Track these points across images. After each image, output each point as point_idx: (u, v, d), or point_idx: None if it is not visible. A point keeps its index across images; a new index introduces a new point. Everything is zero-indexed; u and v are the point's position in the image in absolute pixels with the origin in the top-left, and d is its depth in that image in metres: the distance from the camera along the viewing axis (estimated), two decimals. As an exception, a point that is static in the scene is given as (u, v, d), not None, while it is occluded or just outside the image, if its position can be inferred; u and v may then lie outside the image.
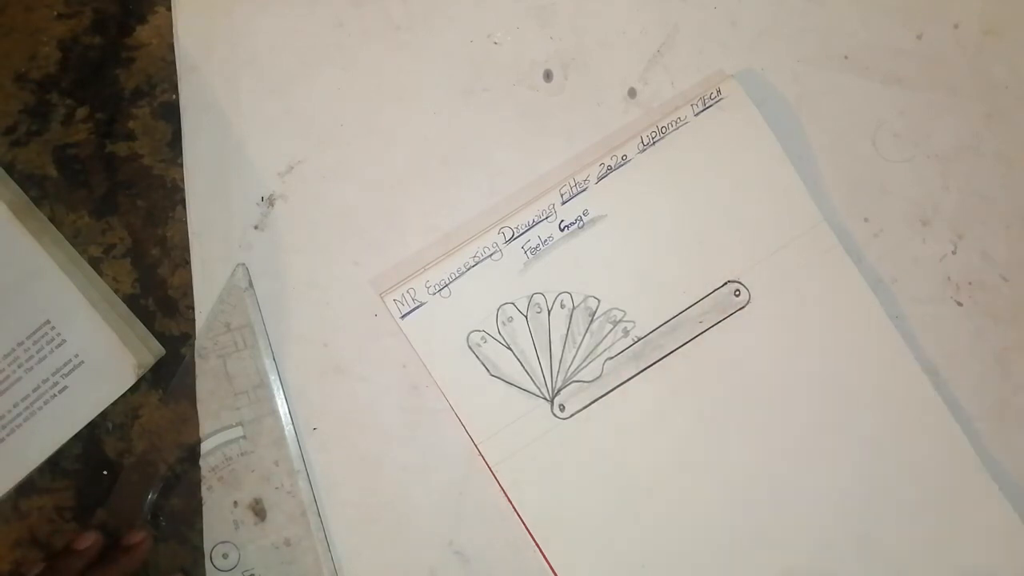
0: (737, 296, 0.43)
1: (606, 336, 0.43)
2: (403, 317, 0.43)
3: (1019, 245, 0.45)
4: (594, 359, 0.43)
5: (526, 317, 0.43)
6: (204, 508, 0.43)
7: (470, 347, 0.43)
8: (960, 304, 0.44)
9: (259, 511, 0.43)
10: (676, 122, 0.43)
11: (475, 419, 0.43)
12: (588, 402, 0.43)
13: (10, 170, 0.44)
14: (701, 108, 0.43)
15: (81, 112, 0.44)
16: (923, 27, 0.45)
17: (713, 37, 0.45)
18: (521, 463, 0.43)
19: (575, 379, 0.43)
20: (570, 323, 0.43)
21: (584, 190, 0.43)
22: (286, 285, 0.44)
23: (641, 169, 0.43)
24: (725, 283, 0.43)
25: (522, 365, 0.43)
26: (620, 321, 0.43)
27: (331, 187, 0.44)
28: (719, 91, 0.43)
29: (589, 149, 0.44)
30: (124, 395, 0.43)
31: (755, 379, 0.43)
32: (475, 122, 0.45)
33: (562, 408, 0.43)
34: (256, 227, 0.44)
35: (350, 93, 0.45)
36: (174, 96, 0.44)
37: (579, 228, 0.43)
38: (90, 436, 0.44)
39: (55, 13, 0.44)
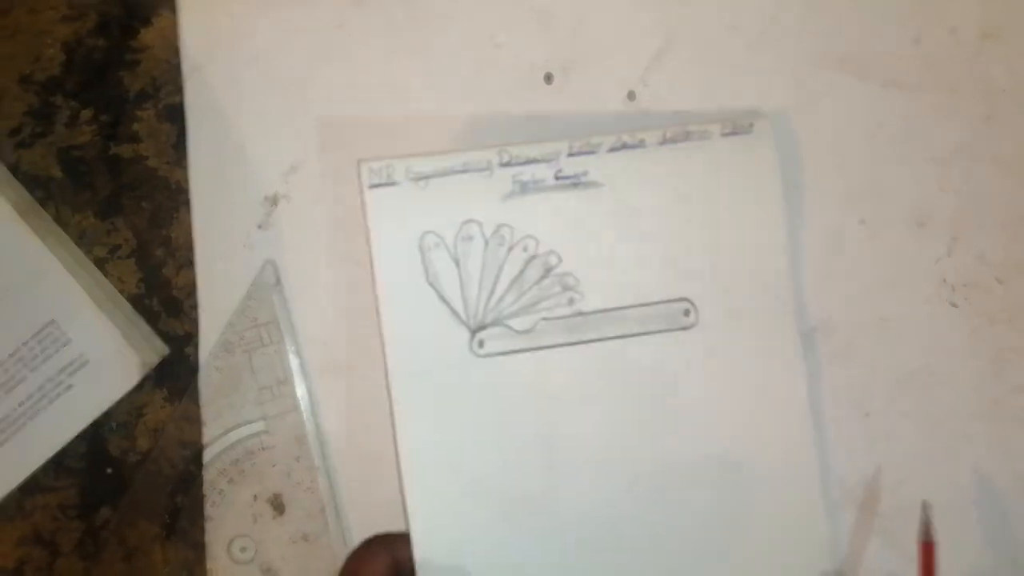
0: (686, 316, 0.43)
1: (552, 296, 0.42)
2: (371, 187, 0.41)
3: (1015, 247, 0.45)
4: (532, 313, 0.42)
5: (487, 242, 0.42)
6: (223, 500, 0.43)
7: (420, 246, 0.41)
8: (955, 306, 0.45)
9: (278, 506, 0.44)
10: (702, 133, 0.43)
11: (394, 317, 0.41)
12: (508, 350, 0.42)
13: (15, 171, 0.44)
14: (729, 132, 0.43)
15: (85, 114, 0.45)
16: (921, 30, 0.45)
17: (712, 40, 0.45)
18: (419, 381, 0.41)
19: (505, 323, 0.42)
20: (524, 268, 0.42)
21: (593, 153, 0.42)
22: (289, 284, 0.44)
23: (653, 159, 0.42)
24: (680, 299, 0.43)
25: (460, 286, 0.42)
26: (571, 288, 0.42)
27: (334, 186, 0.45)
28: (751, 125, 0.43)
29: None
30: (128, 394, 0.43)
31: (672, 396, 0.43)
32: (476, 122, 0.45)
33: (481, 344, 0.42)
34: (260, 227, 0.44)
35: (352, 93, 0.45)
36: (178, 98, 0.44)
37: (573, 184, 0.42)
38: (94, 435, 0.44)
39: (59, 15, 0.45)
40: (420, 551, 0.40)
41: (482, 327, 0.42)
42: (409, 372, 0.41)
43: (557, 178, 0.42)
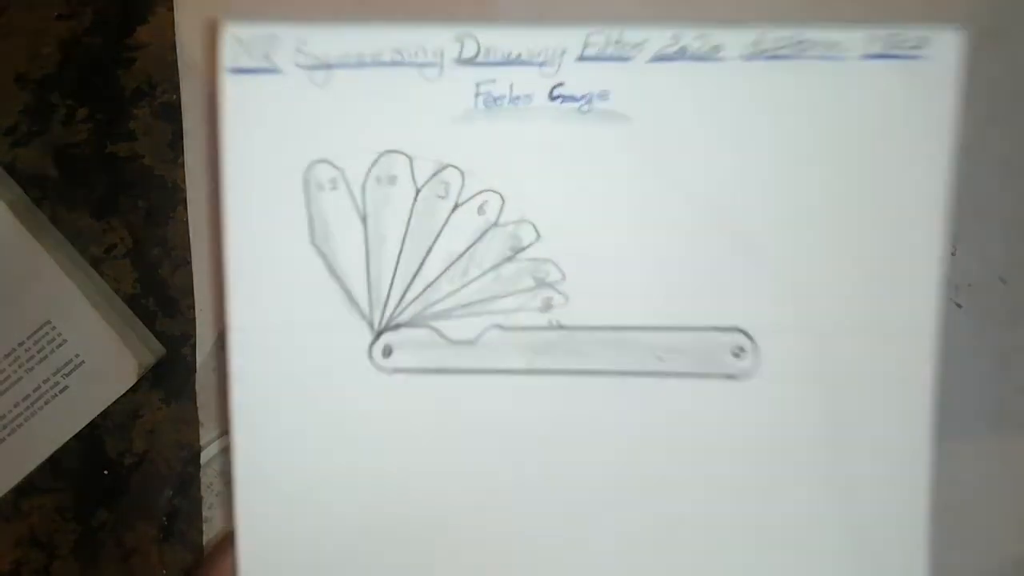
0: (735, 357, 0.26)
1: (517, 293, 0.27)
2: (234, 71, 0.26)
3: (1018, 247, 0.45)
4: (478, 314, 0.27)
5: (418, 191, 0.26)
6: (221, 502, 0.43)
7: (306, 181, 0.27)
8: (959, 306, 0.44)
9: None
10: (828, 47, 0.27)
11: (248, 289, 0.27)
12: (430, 366, 0.27)
13: (11, 170, 0.44)
14: (878, 52, 0.27)
15: (82, 112, 0.44)
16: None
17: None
18: (275, 392, 0.27)
19: (431, 324, 0.27)
20: (476, 241, 0.27)
21: (625, 59, 0.26)
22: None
23: (731, 80, 0.26)
24: (731, 328, 0.26)
25: (366, 255, 0.27)
26: (549, 284, 0.27)
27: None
28: (919, 45, 0.28)
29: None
30: (125, 395, 0.43)
31: (687, 486, 0.26)
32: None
33: (386, 353, 0.27)
34: (256, 226, 0.44)
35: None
36: (175, 96, 0.44)
37: (577, 110, 0.26)
38: (91, 436, 0.44)
39: (55, 13, 0.44)
40: None
41: (392, 326, 0.27)
42: (259, 374, 0.27)
43: (554, 97, 0.27)
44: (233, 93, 0.26)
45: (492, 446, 0.27)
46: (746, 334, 0.26)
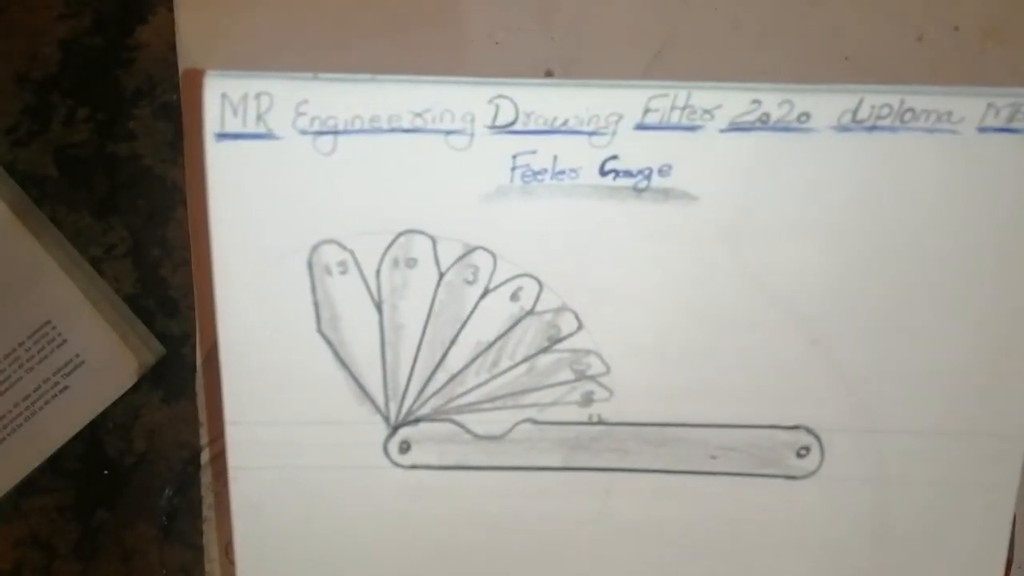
0: (800, 457, 0.24)
1: (554, 386, 0.24)
2: (220, 137, 0.22)
3: (1018, 247, 0.45)
4: (508, 408, 0.24)
5: (442, 275, 0.23)
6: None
7: (311, 264, 0.24)
8: (959, 306, 0.44)
9: None
10: (939, 118, 0.23)
11: (242, 382, 0.24)
12: (453, 463, 0.24)
13: (11, 170, 0.44)
14: (992, 128, 0.23)
15: (82, 112, 0.44)
16: (924, 29, 0.45)
17: (714, 38, 0.45)
18: (277, 494, 0.25)
19: (454, 418, 0.24)
20: (509, 332, 0.24)
21: (692, 129, 0.22)
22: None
23: (821, 155, 0.23)
24: (796, 427, 0.24)
25: (381, 346, 0.24)
26: (590, 377, 0.24)
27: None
28: None
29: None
30: (125, 395, 0.43)
31: None
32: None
33: (403, 448, 0.24)
34: (256, 226, 0.44)
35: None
36: (175, 96, 0.44)
37: (632, 187, 0.23)
38: (91, 436, 0.44)
39: (56, 13, 0.44)
40: None
41: (411, 420, 0.24)
42: (261, 468, 0.25)
43: (604, 172, 0.23)
44: (221, 163, 0.22)
45: (521, 548, 0.23)
46: (813, 433, 0.23)
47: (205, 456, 0.43)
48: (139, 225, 0.44)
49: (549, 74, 0.45)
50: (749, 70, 0.45)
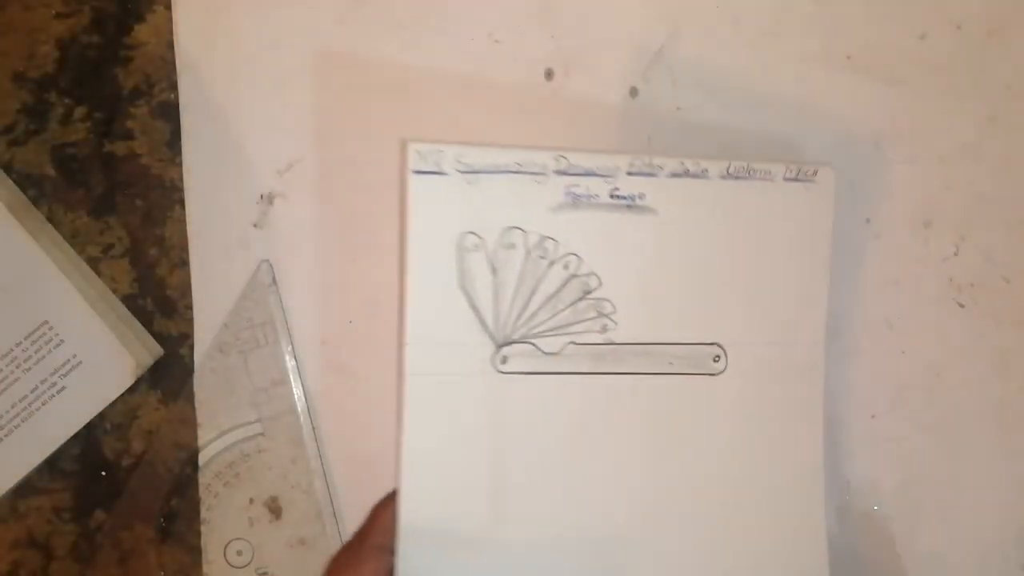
0: (715, 362, 0.41)
1: (585, 321, 0.40)
2: (415, 172, 0.39)
3: (1021, 246, 0.45)
4: (562, 335, 0.40)
5: (528, 252, 0.40)
6: (219, 503, 0.43)
7: (458, 245, 0.39)
8: (962, 306, 0.44)
9: (275, 509, 0.43)
10: (765, 173, 0.41)
11: (419, 316, 0.39)
12: (531, 370, 0.40)
13: (8, 170, 0.44)
14: (792, 177, 0.41)
15: (79, 111, 0.44)
16: (926, 28, 0.45)
17: (715, 36, 0.45)
18: (435, 388, 0.39)
19: (533, 341, 0.40)
20: (562, 287, 0.40)
21: (653, 175, 0.40)
22: (285, 283, 0.44)
23: (712, 192, 0.41)
24: (712, 343, 0.41)
25: (493, 295, 0.40)
26: (606, 315, 0.41)
27: (331, 185, 0.44)
28: (815, 173, 0.41)
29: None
30: (122, 395, 0.43)
31: (689, 440, 0.41)
32: (475, 120, 0.45)
33: (504, 360, 0.40)
34: (255, 225, 0.44)
35: (350, 91, 0.44)
36: (173, 95, 0.44)
37: (627, 206, 0.40)
38: (88, 437, 0.44)
39: (53, 12, 0.44)
40: (405, 550, 0.39)
41: (508, 342, 0.40)
42: (424, 372, 0.40)
43: (612, 196, 0.40)
44: (415, 187, 0.39)
45: (570, 419, 0.41)
46: (721, 348, 0.41)
47: (203, 457, 0.43)
48: (136, 225, 0.44)
49: (549, 73, 0.45)
50: (749, 70, 0.45)
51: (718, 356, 0.41)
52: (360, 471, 0.44)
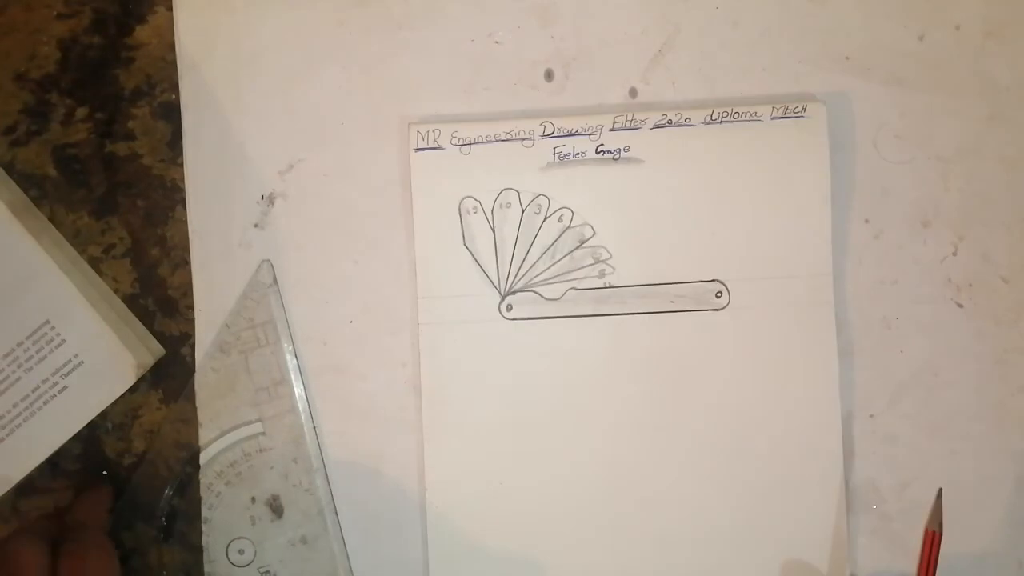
0: (717, 297, 0.43)
1: (583, 267, 0.43)
2: (416, 150, 0.43)
3: (1020, 247, 0.45)
4: (562, 282, 0.44)
5: (523, 210, 0.43)
6: (220, 502, 0.43)
7: (459, 209, 0.43)
8: (960, 306, 0.44)
9: (276, 508, 0.43)
10: (751, 115, 0.43)
11: (429, 274, 0.44)
12: (535, 316, 0.44)
13: (9, 170, 0.44)
14: (779, 115, 0.43)
15: (81, 112, 0.44)
16: (925, 28, 0.45)
17: (714, 37, 0.45)
18: (446, 336, 0.44)
19: (534, 289, 0.43)
20: (558, 238, 0.43)
21: (637, 128, 0.43)
22: (286, 283, 0.44)
23: (697, 138, 0.43)
24: (713, 280, 0.43)
25: (495, 250, 0.44)
26: (602, 261, 0.43)
27: (332, 185, 0.44)
28: (804, 109, 0.43)
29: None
30: (124, 395, 0.43)
31: (696, 376, 0.44)
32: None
33: (509, 308, 0.43)
34: (256, 226, 0.44)
35: (351, 91, 0.44)
36: (174, 96, 0.44)
37: (613, 159, 0.43)
38: (90, 436, 0.44)
39: (55, 13, 0.44)
40: (432, 494, 0.43)
41: (512, 292, 0.44)
42: (438, 323, 0.43)
43: (598, 152, 0.43)
44: (417, 163, 0.43)
45: (573, 362, 0.44)
46: (723, 284, 0.44)
47: (204, 456, 0.43)
48: (138, 225, 0.44)
49: (549, 74, 0.45)
50: (749, 69, 0.45)
51: (720, 292, 0.43)
52: (361, 470, 0.44)
